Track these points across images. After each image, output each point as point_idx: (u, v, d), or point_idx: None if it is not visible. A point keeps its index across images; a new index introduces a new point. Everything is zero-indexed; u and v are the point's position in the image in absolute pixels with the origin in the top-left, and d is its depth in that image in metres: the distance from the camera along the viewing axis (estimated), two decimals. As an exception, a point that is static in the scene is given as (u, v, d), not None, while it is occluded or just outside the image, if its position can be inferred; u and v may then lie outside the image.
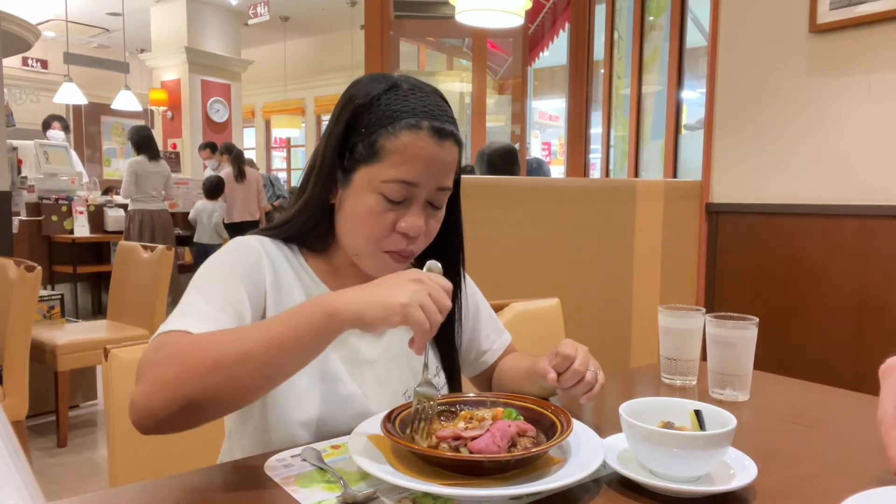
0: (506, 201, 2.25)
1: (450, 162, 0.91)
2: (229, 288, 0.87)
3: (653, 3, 3.77)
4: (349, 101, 0.92)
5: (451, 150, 0.91)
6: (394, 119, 0.88)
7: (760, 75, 2.27)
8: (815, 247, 2.15)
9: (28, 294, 2.41)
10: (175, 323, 0.80)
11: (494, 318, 1.18)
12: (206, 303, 0.84)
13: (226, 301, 0.85)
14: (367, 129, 0.89)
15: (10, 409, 2.34)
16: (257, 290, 0.90)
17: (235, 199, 6.33)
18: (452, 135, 0.91)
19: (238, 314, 0.85)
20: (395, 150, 0.87)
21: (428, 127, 0.88)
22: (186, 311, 0.82)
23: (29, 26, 4.68)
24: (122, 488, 0.80)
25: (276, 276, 0.93)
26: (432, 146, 0.88)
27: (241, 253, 0.92)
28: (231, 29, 9.49)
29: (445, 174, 0.91)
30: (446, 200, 0.95)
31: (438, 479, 0.71)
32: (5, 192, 3.50)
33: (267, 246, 0.94)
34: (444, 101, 0.93)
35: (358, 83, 0.93)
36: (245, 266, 0.90)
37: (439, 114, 0.90)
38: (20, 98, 10.00)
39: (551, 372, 0.92)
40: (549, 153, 11.82)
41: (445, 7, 4.00)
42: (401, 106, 0.88)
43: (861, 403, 1.10)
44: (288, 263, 0.95)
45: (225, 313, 0.83)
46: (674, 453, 0.72)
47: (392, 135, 0.87)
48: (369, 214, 0.90)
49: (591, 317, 2.27)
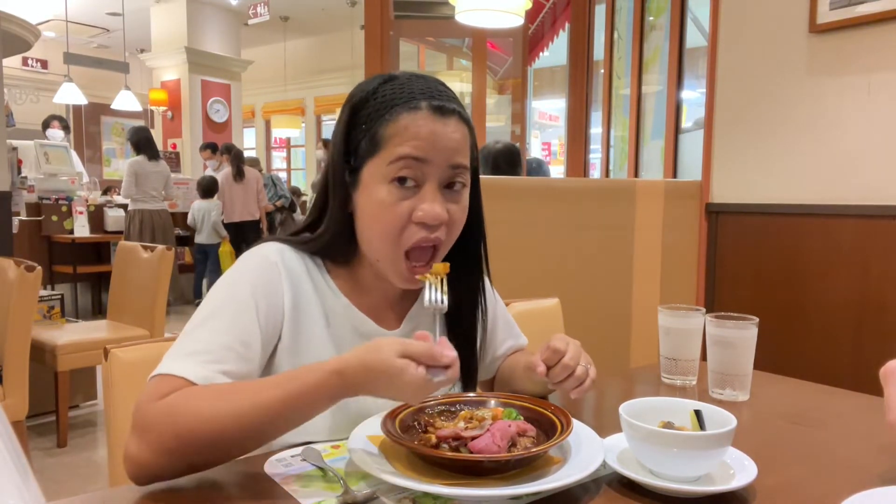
0: (506, 201, 2.25)
1: (458, 139, 0.86)
2: (241, 319, 0.83)
3: (653, 3, 3.77)
4: (347, 102, 0.90)
5: (458, 127, 0.86)
6: (391, 106, 0.85)
7: (760, 75, 2.27)
8: (815, 247, 2.15)
9: (28, 294, 2.41)
10: (176, 366, 0.77)
11: (511, 321, 1.16)
12: (212, 340, 0.81)
13: (233, 336, 0.82)
14: (367, 124, 0.86)
15: (10, 409, 2.34)
16: (274, 315, 0.86)
17: (235, 199, 6.33)
18: (455, 112, 0.86)
19: (244, 354, 0.82)
20: (395, 133, 0.84)
21: (427, 106, 0.84)
22: (189, 349, 0.80)
23: (29, 26, 4.68)
24: (122, 488, 0.80)
25: (296, 295, 0.89)
26: (434, 122, 0.84)
27: (262, 273, 0.88)
28: (231, 29, 9.48)
29: (456, 151, 0.86)
30: (467, 184, 0.89)
31: (438, 479, 0.71)
32: (5, 192, 3.50)
33: (288, 260, 0.90)
34: (444, 86, 0.89)
35: (357, 85, 0.92)
36: (264, 287, 0.86)
37: (438, 94, 0.86)
38: (20, 98, 10.01)
39: (541, 365, 0.90)
40: (549, 153, 11.82)
41: (445, 7, 4.00)
42: (397, 93, 0.85)
43: (861, 403, 1.10)
44: (309, 277, 0.92)
45: (231, 351, 0.80)
46: (674, 453, 0.72)
47: (390, 121, 0.84)
48: (382, 207, 0.85)
49: (591, 317, 2.27)
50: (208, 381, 0.77)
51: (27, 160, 5.46)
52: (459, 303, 0.97)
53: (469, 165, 0.89)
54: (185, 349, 0.80)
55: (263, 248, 0.91)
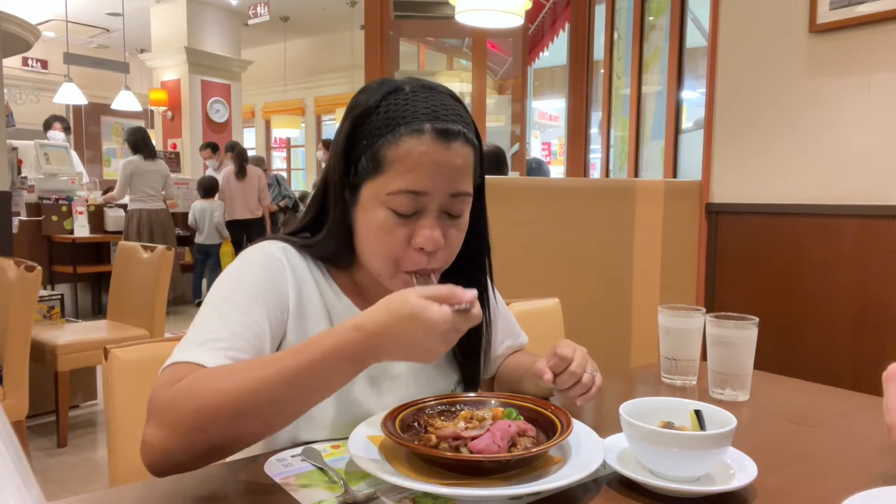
0: (506, 201, 2.26)
1: (460, 165, 0.84)
2: (251, 311, 0.82)
3: (653, 3, 3.77)
4: (350, 111, 0.88)
5: (461, 151, 0.84)
6: (394, 125, 0.82)
7: (760, 75, 2.27)
8: (815, 247, 2.15)
9: (28, 294, 2.41)
10: (188, 354, 0.76)
11: (511, 320, 1.16)
12: (225, 328, 0.80)
13: (245, 326, 0.80)
14: (368, 140, 0.84)
15: (10, 409, 2.34)
16: (280, 310, 0.86)
17: (235, 196, 6.34)
18: (461, 134, 0.84)
19: (256, 345, 0.81)
20: (397, 159, 0.82)
21: (430, 129, 0.82)
22: (201, 338, 0.78)
23: (29, 26, 4.68)
24: (122, 488, 0.80)
25: (300, 292, 0.89)
26: (437, 150, 0.82)
27: (267, 267, 0.87)
28: (231, 29, 9.48)
29: (457, 179, 0.84)
30: (467, 209, 0.89)
31: (438, 479, 0.71)
32: (5, 193, 3.50)
33: (291, 257, 0.90)
34: (454, 101, 0.87)
35: (363, 90, 0.89)
36: (270, 282, 0.86)
37: (444, 113, 0.83)
38: (20, 98, 10.01)
39: (547, 372, 0.91)
40: (549, 153, 11.82)
41: (445, 7, 4.00)
42: (401, 110, 0.83)
43: (861, 403, 1.10)
44: (311, 276, 0.91)
45: (244, 340, 0.79)
46: (674, 453, 0.72)
47: (392, 143, 0.82)
48: (381, 232, 0.84)
49: (591, 317, 2.27)
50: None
51: (27, 160, 5.46)
52: None
53: (472, 190, 0.88)
54: (196, 339, 0.79)
55: (266, 244, 0.91)
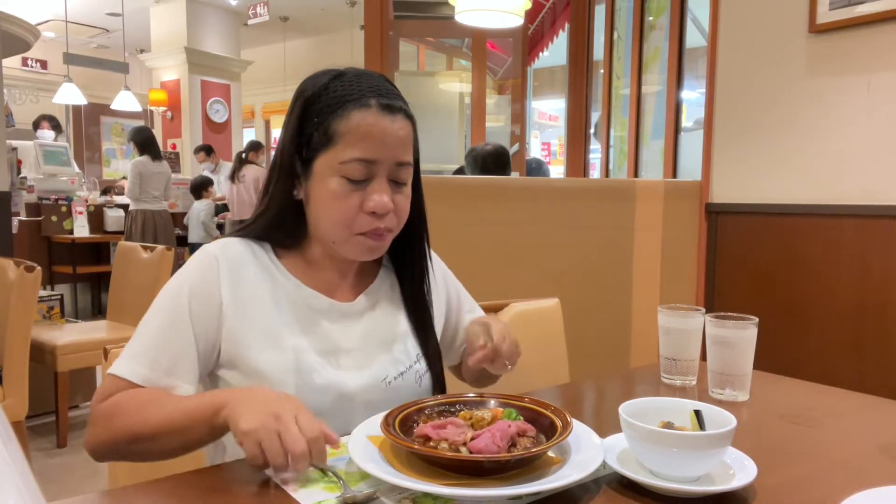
0: (506, 201, 2.26)
1: (404, 136, 0.94)
2: (176, 322, 0.91)
3: (653, 3, 3.77)
4: (300, 95, 0.96)
5: (404, 125, 0.94)
6: (343, 102, 0.91)
7: (760, 75, 2.27)
8: (815, 247, 2.15)
9: (28, 294, 2.41)
10: (122, 367, 0.89)
11: (470, 299, 1.21)
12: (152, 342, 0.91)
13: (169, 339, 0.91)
14: (319, 118, 0.92)
15: (10, 410, 2.33)
16: (209, 313, 0.92)
17: (233, 198, 6.35)
18: (402, 110, 0.94)
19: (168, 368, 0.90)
20: (348, 131, 0.91)
21: (376, 104, 0.92)
22: (133, 350, 0.91)
23: (29, 26, 4.67)
24: (122, 488, 0.81)
25: (237, 284, 0.94)
26: (384, 121, 0.91)
27: (197, 273, 0.94)
28: (231, 29, 9.48)
29: (402, 149, 0.94)
30: (410, 178, 0.98)
31: (438, 479, 0.71)
32: (5, 193, 3.50)
33: (230, 252, 0.96)
34: (390, 84, 0.97)
35: (309, 78, 0.99)
36: (198, 287, 0.93)
37: (386, 92, 0.94)
38: (20, 98, 10.00)
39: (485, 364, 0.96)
40: (549, 153, 11.82)
41: (445, 7, 4.00)
42: (348, 89, 0.92)
43: (861, 403, 1.10)
44: (257, 262, 0.97)
45: (168, 352, 0.90)
46: (674, 453, 0.72)
47: (342, 117, 0.91)
48: (334, 198, 0.93)
49: (591, 317, 2.27)
50: (150, 382, 0.89)
51: (27, 160, 5.46)
52: (412, 292, 1.07)
53: (412, 161, 0.97)
54: (130, 351, 0.91)
55: (211, 244, 0.98)
